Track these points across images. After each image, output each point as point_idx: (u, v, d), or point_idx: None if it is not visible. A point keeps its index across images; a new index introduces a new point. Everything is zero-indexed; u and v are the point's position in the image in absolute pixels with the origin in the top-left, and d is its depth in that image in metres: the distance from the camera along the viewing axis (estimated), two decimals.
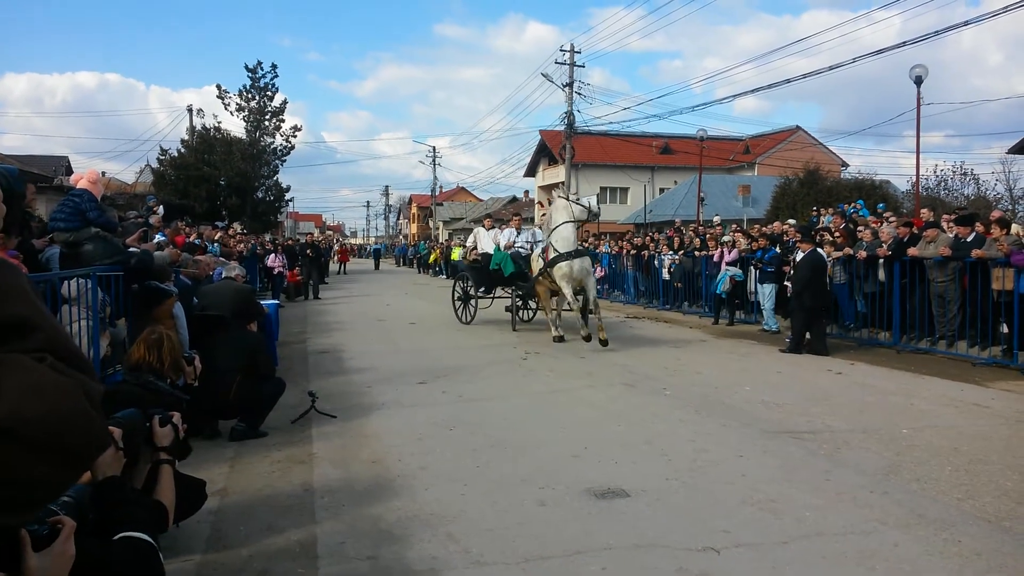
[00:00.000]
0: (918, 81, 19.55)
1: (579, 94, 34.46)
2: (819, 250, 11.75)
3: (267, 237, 30.77)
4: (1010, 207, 25.04)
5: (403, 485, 5.12)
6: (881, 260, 11.80)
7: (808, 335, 11.31)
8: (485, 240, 14.65)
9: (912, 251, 11.16)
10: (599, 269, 22.48)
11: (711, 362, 10.38)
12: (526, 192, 67.17)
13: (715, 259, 15.76)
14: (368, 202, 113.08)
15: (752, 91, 69.21)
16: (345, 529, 4.35)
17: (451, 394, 8.18)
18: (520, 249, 14.12)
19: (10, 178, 1.77)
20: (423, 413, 7.28)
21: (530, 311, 15.70)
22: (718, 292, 15.21)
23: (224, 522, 4.48)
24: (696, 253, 17.13)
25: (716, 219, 25.90)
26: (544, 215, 14.52)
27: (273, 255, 22.19)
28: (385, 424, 6.87)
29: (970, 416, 7.17)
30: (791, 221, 18.77)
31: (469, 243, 15.32)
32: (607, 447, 6.04)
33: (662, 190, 46.01)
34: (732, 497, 4.84)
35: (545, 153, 51.12)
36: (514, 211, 23.51)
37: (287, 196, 37.42)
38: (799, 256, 11.68)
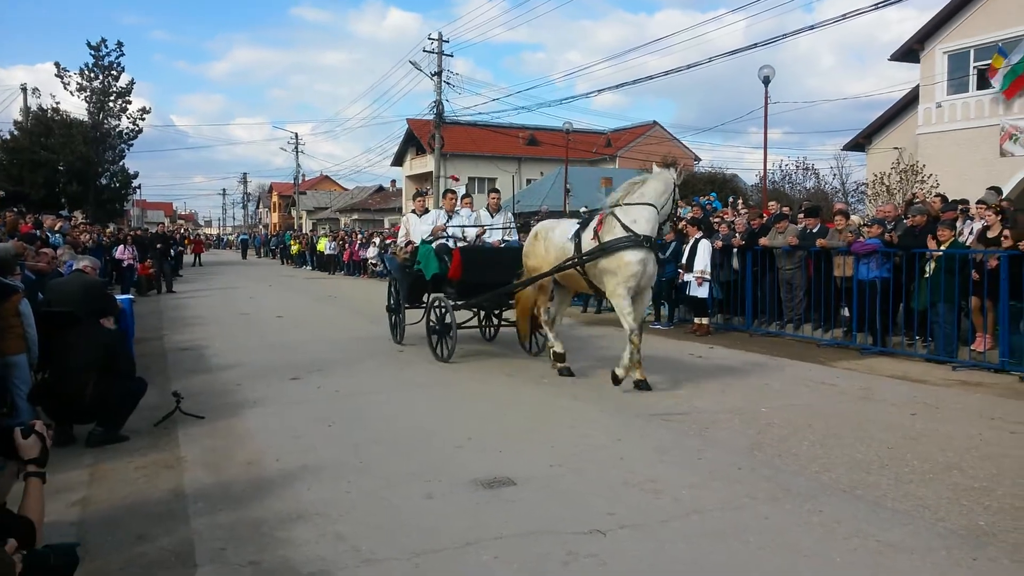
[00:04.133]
0: (766, 81, 20.79)
1: (448, 83, 34.34)
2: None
3: (112, 227, 28.72)
4: (845, 199, 27.28)
5: (284, 486, 4.93)
6: (735, 249, 12.53)
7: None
8: (417, 230, 10.72)
9: (764, 241, 11.91)
10: None
11: (587, 354, 10.65)
12: (393, 182, 66.27)
13: None
14: (224, 190, 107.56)
15: (615, 87, 71.69)
16: (224, 535, 4.14)
17: (327, 389, 7.95)
18: (450, 238, 10.16)
19: None
20: (299, 410, 7.04)
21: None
22: None
23: (89, 534, 4.15)
24: None
25: (582, 210, 26.57)
26: (466, 199, 11.07)
27: (122, 246, 20.74)
28: (258, 423, 6.59)
29: (821, 394, 7.75)
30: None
31: (400, 236, 11.34)
32: (491, 437, 6.07)
33: (529, 181, 46.69)
34: (614, 480, 4.99)
35: (413, 142, 50.58)
36: (449, 186, 17.26)
37: (134, 183, 35.11)
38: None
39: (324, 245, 34.58)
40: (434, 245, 10.04)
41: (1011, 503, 4.55)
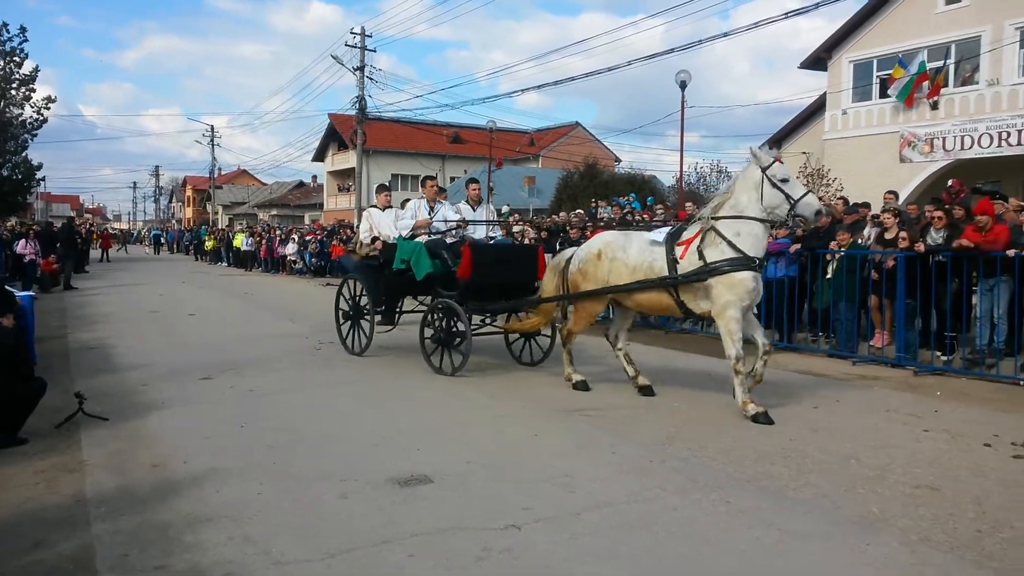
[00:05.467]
0: (683, 85, 21.32)
1: (371, 79, 33.93)
2: None
3: (14, 220, 27.22)
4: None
5: (191, 488, 4.80)
6: None
7: None
8: (387, 224, 9.49)
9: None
10: None
11: (502, 348, 10.71)
12: (314, 177, 65.07)
13: None
14: (135, 183, 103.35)
15: (538, 87, 72.43)
16: (127, 539, 4.00)
17: (240, 389, 7.76)
18: (438, 232, 9.04)
19: None
20: (209, 410, 6.85)
21: (533, 344, 9.27)
22: None
23: None
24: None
25: (505, 208, 26.70)
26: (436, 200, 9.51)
27: (24, 240, 19.69)
28: (166, 424, 6.38)
29: (727, 387, 8.00)
30: (580, 211, 19.79)
31: (362, 231, 9.89)
32: (408, 435, 6.05)
33: (453, 179, 46.59)
34: (530, 475, 5.06)
35: (335, 137, 49.79)
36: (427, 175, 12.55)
37: (38, 175, 33.36)
38: None
39: (241, 241, 33.64)
40: (422, 240, 8.90)
41: (901, 490, 4.83)
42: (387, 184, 11.50)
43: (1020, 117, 18.99)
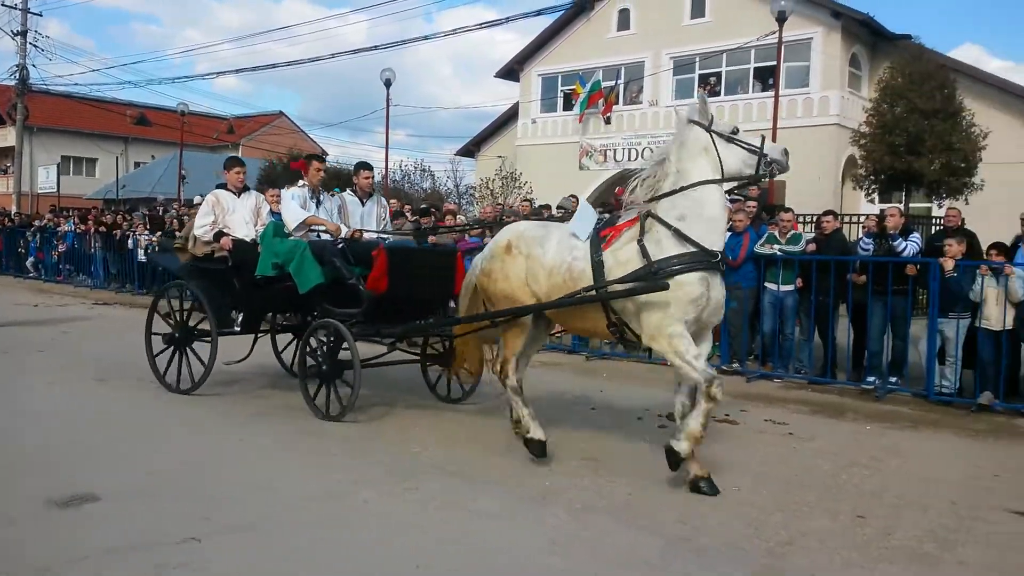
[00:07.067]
0: (387, 83, 21.59)
1: (35, 46, 29.57)
2: None
3: None
4: (457, 201, 29.56)
5: None
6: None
7: None
8: (238, 215, 7.36)
9: None
10: (62, 245, 19.41)
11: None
12: None
13: None
14: None
15: (237, 71, 67.99)
16: None
17: None
18: (321, 232, 6.91)
19: None
20: None
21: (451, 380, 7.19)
22: None
23: None
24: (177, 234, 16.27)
25: (197, 199, 24.90)
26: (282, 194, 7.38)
27: None
28: None
29: (407, 374, 8.24)
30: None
31: (200, 224, 7.18)
32: (71, 450, 5.42)
33: (138, 164, 42.36)
34: (214, 484, 4.82)
35: None
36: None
37: None
38: None
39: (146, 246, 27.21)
40: (300, 237, 6.77)
41: (568, 465, 5.37)
42: (239, 158, 8.66)
43: (673, 135, 22.07)
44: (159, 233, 16.72)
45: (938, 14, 69.79)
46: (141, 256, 17.04)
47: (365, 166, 7.79)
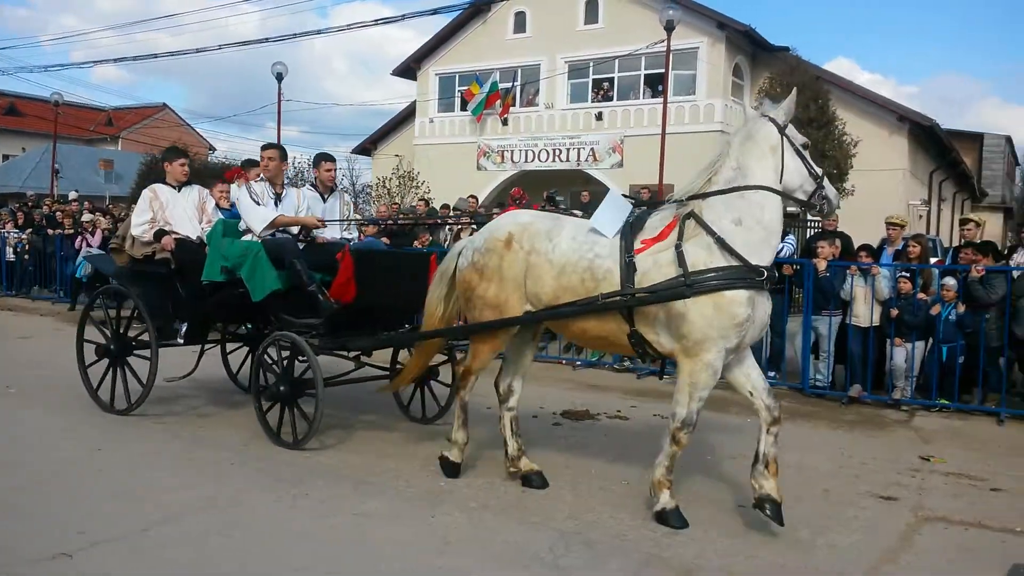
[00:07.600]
0: (279, 77, 21.02)
1: None
2: None
3: None
4: (353, 199, 29.16)
5: None
6: None
7: None
8: (185, 211, 6.63)
9: None
10: None
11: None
12: None
13: (76, 246, 14.14)
14: None
15: (116, 60, 63.89)
16: None
17: None
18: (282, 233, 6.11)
19: None
20: None
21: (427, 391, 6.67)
22: (78, 276, 13.83)
23: None
24: (49, 232, 15.31)
25: (73, 194, 23.47)
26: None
27: None
28: None
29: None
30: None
31: (138, 223, 6.42)
32: None
33: (7, 157, 39.54)
34: (90, 495, 4.56)
35: None
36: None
37: None
38: None
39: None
40: (256, 239, 5.92)
41: (464, 464, 5.37)
42: (181, 148, 7.90)
43: (568, 137, 22.50)
44: (29, 231, 15.70)
45: (814, 28, 74.14)
46: (10, 255, 15.98)
47: (327, 157, 6.84)
